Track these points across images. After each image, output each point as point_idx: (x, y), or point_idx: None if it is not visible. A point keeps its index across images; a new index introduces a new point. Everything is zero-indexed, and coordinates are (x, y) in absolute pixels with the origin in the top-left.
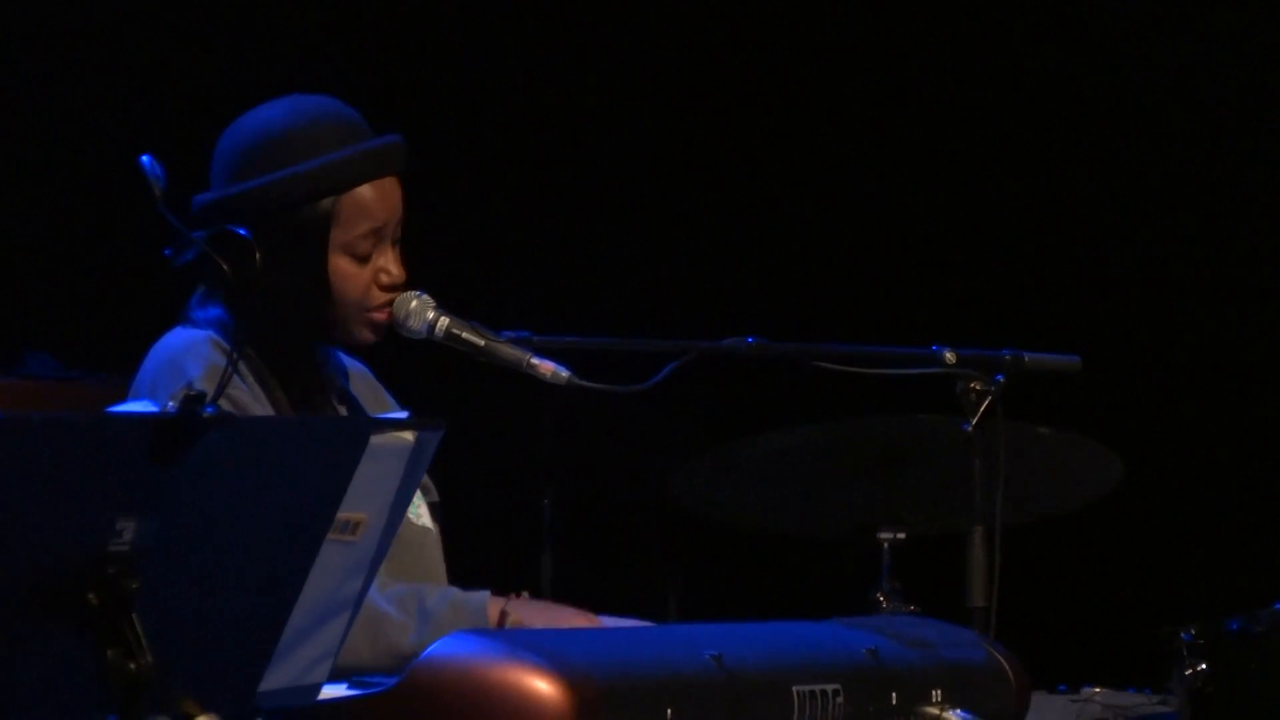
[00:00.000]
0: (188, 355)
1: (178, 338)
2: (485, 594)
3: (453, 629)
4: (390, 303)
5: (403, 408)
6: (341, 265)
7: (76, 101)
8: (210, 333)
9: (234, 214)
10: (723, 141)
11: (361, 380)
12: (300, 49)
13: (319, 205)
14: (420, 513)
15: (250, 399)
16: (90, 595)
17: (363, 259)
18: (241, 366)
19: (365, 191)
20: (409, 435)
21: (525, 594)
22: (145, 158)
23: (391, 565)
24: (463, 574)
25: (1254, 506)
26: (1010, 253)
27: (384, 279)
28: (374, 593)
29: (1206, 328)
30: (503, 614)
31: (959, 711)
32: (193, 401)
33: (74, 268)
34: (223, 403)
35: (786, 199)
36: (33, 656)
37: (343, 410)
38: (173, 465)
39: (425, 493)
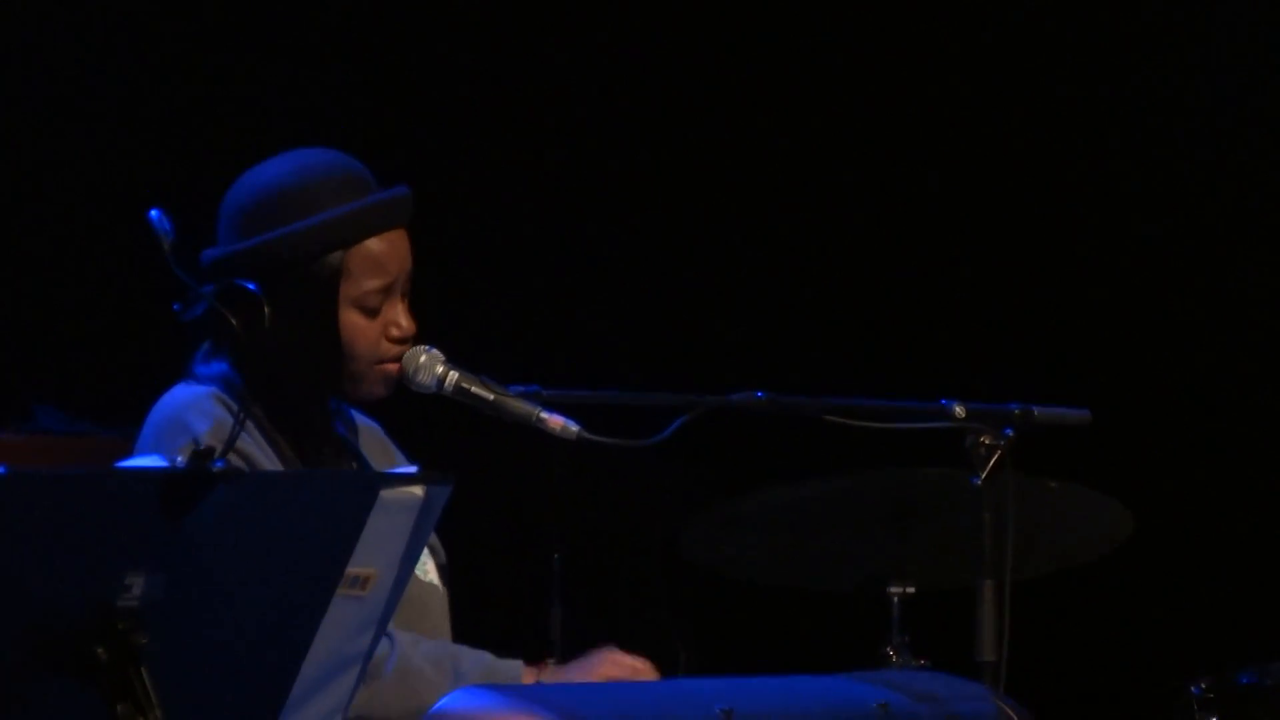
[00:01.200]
0: (191, 411)
1: (181, 394)
2: (519, 662)
3: None
4: (400, 356)
5: (414, 464)
6: (352, 319)
7: (84, 154)
8: (214, 388)
9: (242, 270)
10: (730, 195)
11: (372, 438)
12: (304, 98)
13: (328, 259)
14: (427, 569)
15: (259, 454)
16: (99, 650)
17: (373, 312)
18: (249, 423)
19: (374, 244)
20: (418, 490)
21: (553, 661)
22: (154, 212)
23: (398, 621)
24: (471, 629)
25: (1265, 560)
26: (1020, 306)
27: (394, 332)
28: (408, 649)
29: (1217, 381)
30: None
31: None
32: (201, 456)
33: (83, 321)
34: (232, 457)
35: (796, 252)
36: (42, 711)
37: (352, 468)
38: (182, 520)
39: (434, 553)
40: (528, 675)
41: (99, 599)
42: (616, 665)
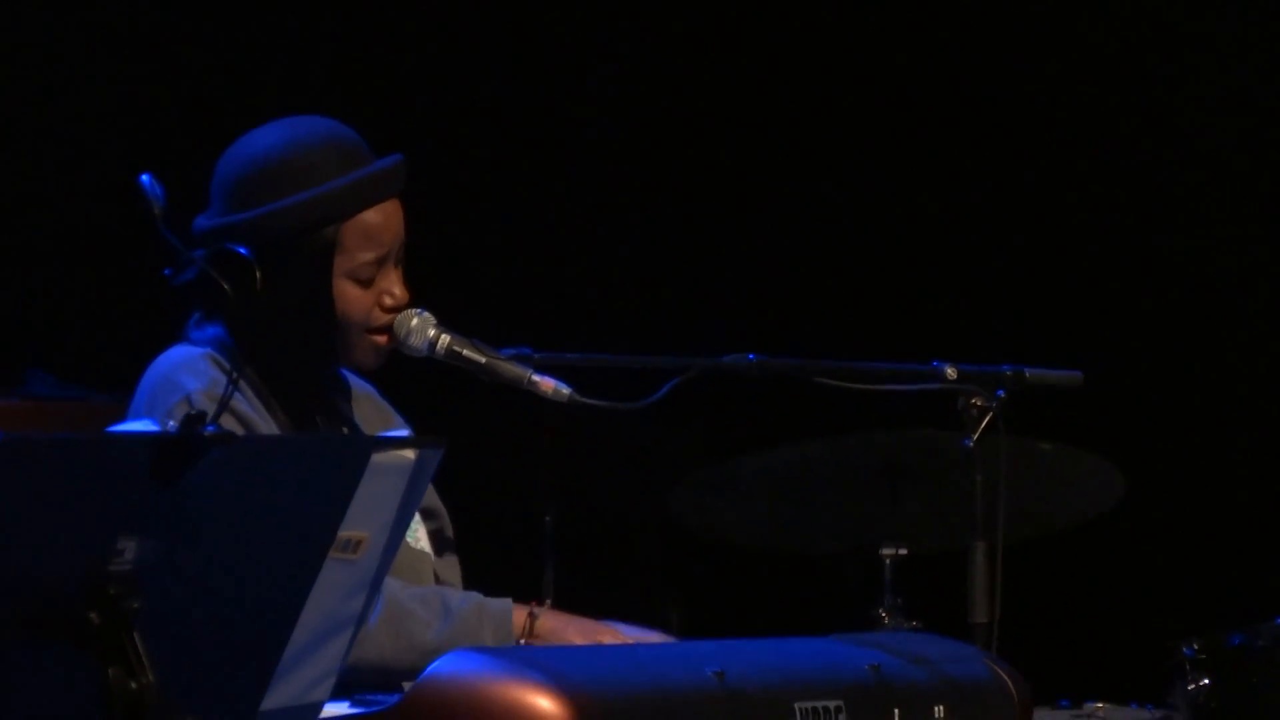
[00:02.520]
0: (185, 370)
1: (175, 354)
2: (509, 601)
3: (477, 629)
4: (392, 324)
5: (409, 425)
6: (346, 289)
7: (76, 119)
8: (208, 349)
9: (235, 242)
10: (722, 157)
11: (367, 401)
12: (298, 64)
13: (322, 233)
14: (418, 535)
15: (255, 415)
16: (92, 614)
17: (366, 282)
18: (243, 384)
19: (368, 216)
20: (410, 453)
21: (548, 602)
22: (145, 176)
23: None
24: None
25: (1256, 521)
26: (1011, 268)
27: (387, 301)
28: (397, 590)
29: (1209, 343)
30: (530, 616)
31: None
32: (194, 420)
33: (76, 286)
34: (227, 418)
35: (787, 215)
36: (34, 675)
37: (345, 432)
38: (174, 484)
39: (430, 518)
40: (519, 613)
41: (91, 563)
42: (616, 638)
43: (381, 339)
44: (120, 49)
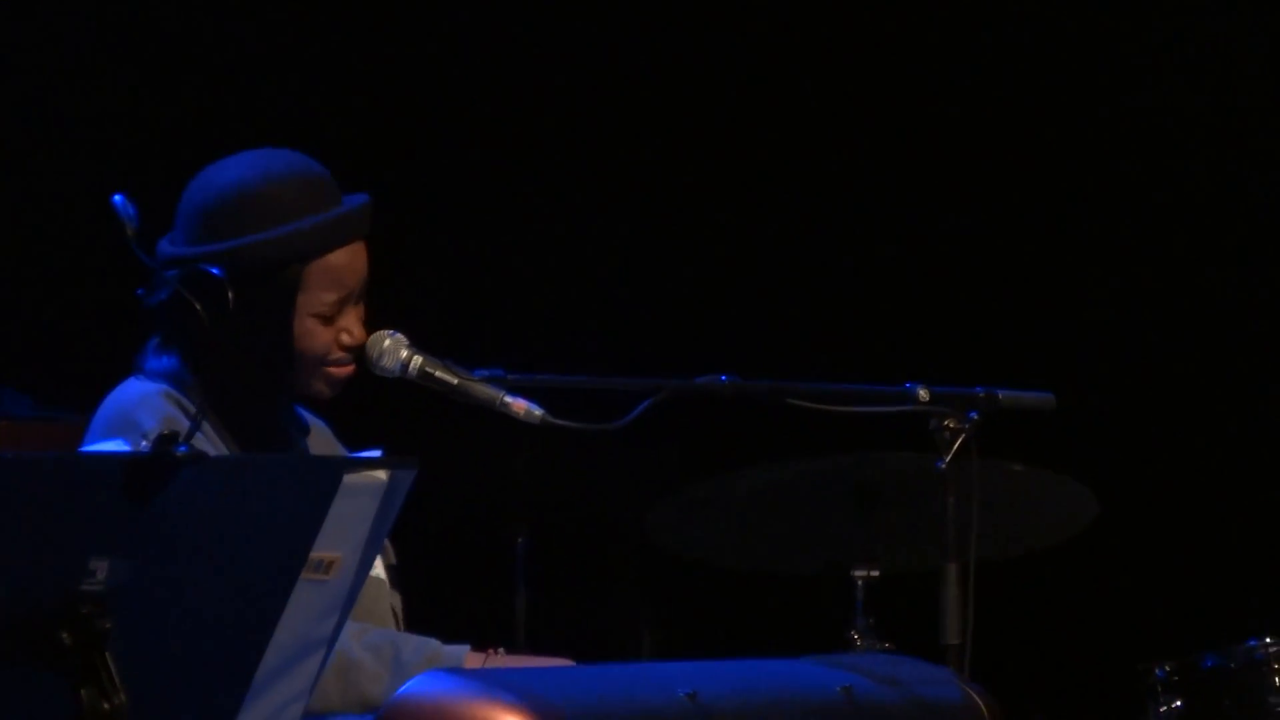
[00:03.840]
0: (141, 408)
1: (132, 389)
2: (465, 647)
3: None
4: (348, 361)
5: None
6: (307, 326)
7: (48, 139)
8: (164, 385)
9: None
10: (695, 178)
11: (320, 437)
12: (272, 87)
13: (288, 271)
14: (375, 564)
15: (210, 450)
16: (64, 634)
17: (327, 320)
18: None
19: (334, 257)
20: (382, 474)
21: (502, 650)
22: (118, 197)
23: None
24: (436, 614)
25: (1228, 543)
26: (984, 290)
27: (345, 339)
28: (347, 640)
29: (1181, 364)
30: (484, 664)
31: None
32: (166, 441)
33: (50, 306)
34: None
35: (761, 236)
36: (6, 696)
37: None
38: (146, 505)
39: (382, 553)
40: (472, 661)
41: (63, 583)
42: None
43: (337, 371)
44: (89, 68)
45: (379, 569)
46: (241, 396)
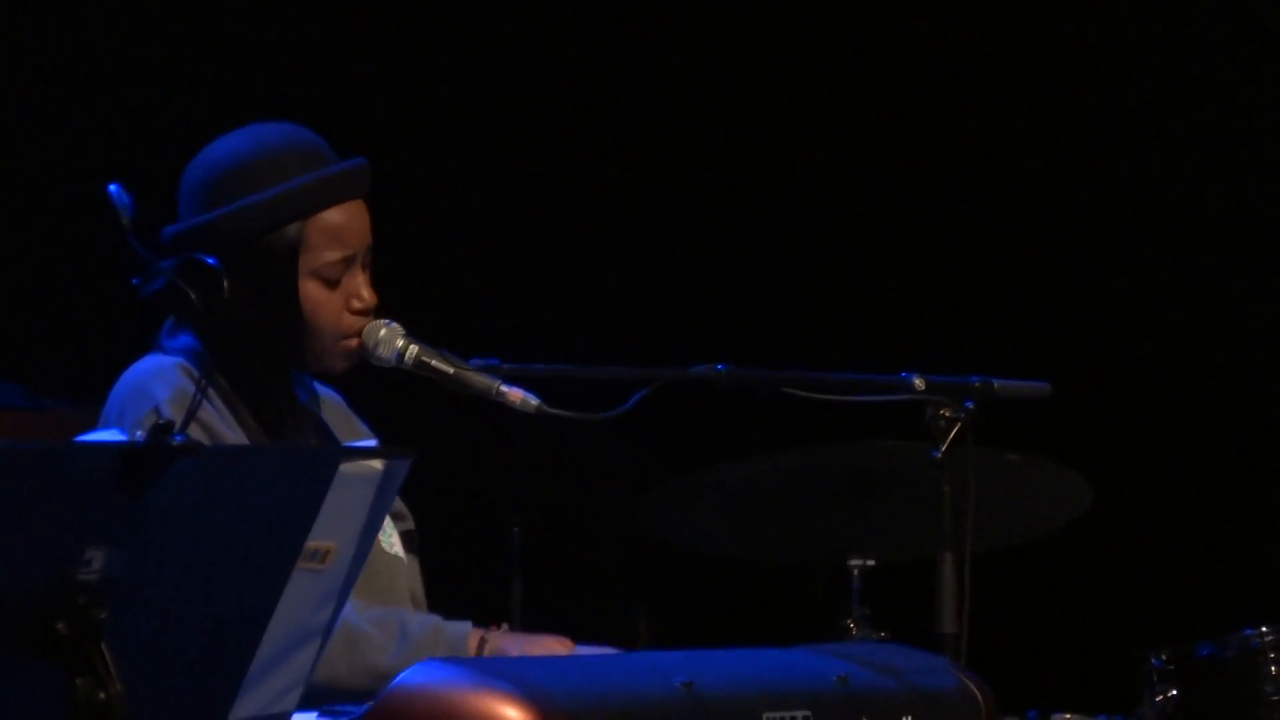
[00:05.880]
0: (155, 380)
1: (146, 364)
2: (468, 624)
3: (432, 653)
4: (362, 328)
5: (375, 435)
6: (312, 291)
7: (44, 129)
8: (180, 359)
9: (201, 244)
10: (690, 168)
11: (334, 408)
12: (268, 73)
13: (285, 231)
14: (392, 540)
15: (222, 424)
16: (59, 624)
17: (333, 284)
18: (212, 393)
19: (331, 216)
20: (378, 464)
21: (505, 626)
22: (113, 186)
23: (360, 592)
24: (432, 602)
25: (1223, 531)
26: (979, 279)
27: (355, 304)
28: (352, 613)
29: (1175, 353)
30: (481, 641)
31: None
32: (161, 430)
33: (44, 295)
34: (194, 428)
35: (756, 226)
36: (2, 685)
37: (314, 439)
38: (141, 494)
39: (399, 519)
40: (473, 635)
41: (59, 573)
42: (563, 646)
43: (351, 343)
44: (85, 60)
45: (397, 547)
46: (254, 368)
